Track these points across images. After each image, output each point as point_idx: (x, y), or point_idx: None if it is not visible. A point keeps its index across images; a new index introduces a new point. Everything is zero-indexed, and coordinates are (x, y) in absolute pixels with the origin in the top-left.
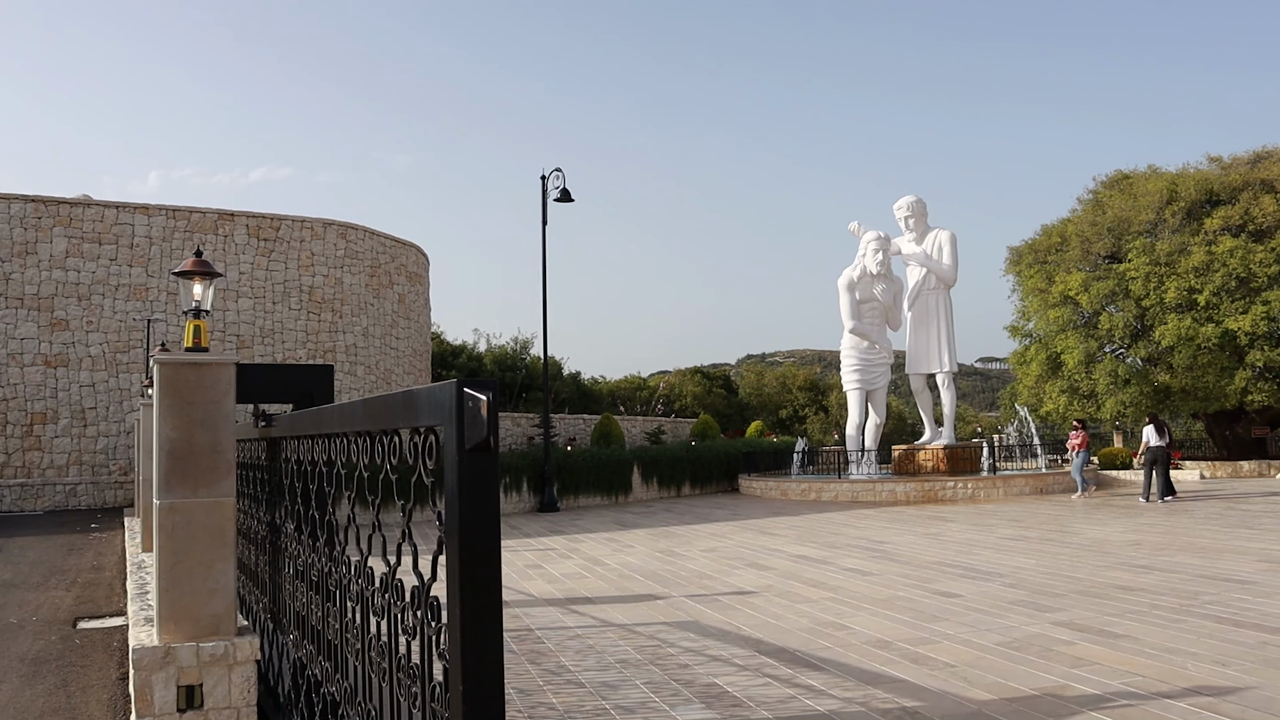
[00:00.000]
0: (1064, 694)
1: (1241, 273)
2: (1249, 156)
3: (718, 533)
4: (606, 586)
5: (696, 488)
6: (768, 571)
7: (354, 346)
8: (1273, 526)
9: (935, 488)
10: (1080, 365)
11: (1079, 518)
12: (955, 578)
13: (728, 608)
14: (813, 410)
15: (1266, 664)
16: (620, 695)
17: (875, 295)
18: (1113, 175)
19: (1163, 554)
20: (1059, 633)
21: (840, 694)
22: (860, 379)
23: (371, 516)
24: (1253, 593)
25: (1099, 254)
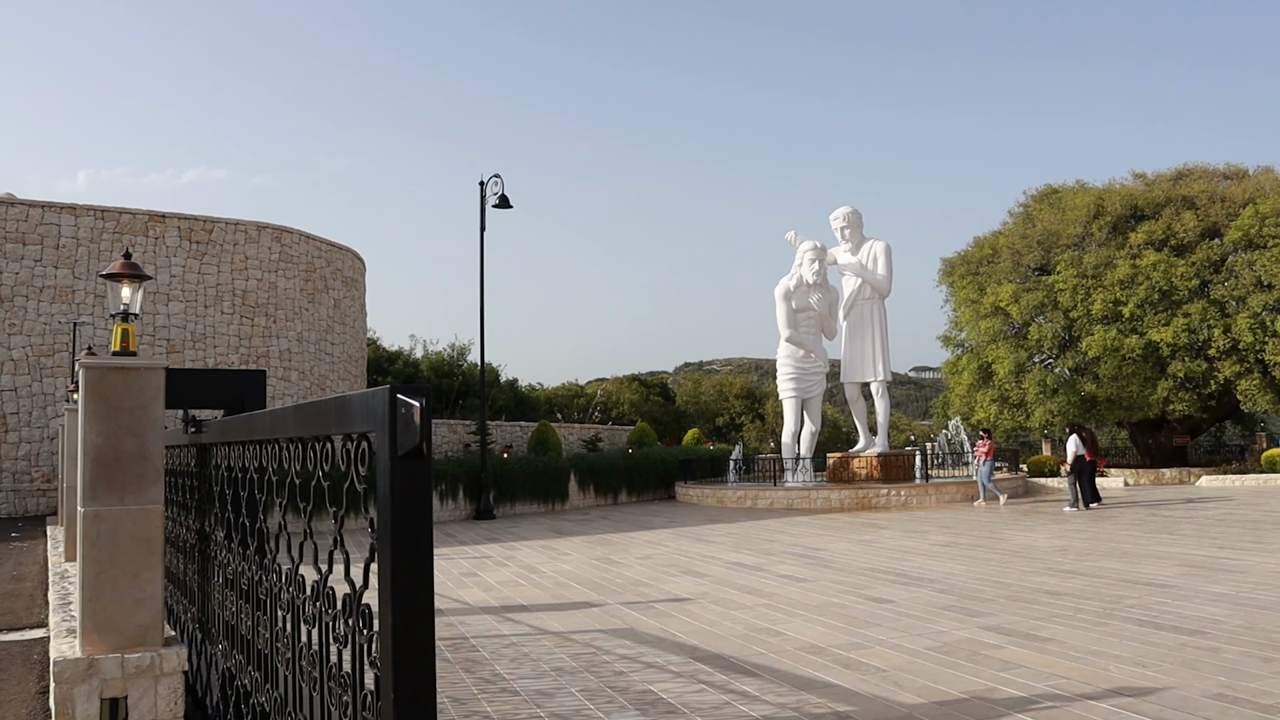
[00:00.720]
0: (992, 696)
1: (1164, 286)
2: (1171, 173)
3: (654, 540)
4: (542, 594)
5: (633, 495)
6: (703, 578)
7: (288, 352)
8: (1192, 532)
9: (869, 495)
10: (1010, 375)
11: (1008, 524)
12: (888, 584)
13: (663, 615)
14: (749, 418)
15: (1184, 665)
16: (555, 703)
17: (811, 305)
18: (1042, 189)
19: (1088, 559)
20: (988, 637)
21: (774, 699)
22: (796, 387)
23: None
24: (1172, 596)
25: (1029, 266)
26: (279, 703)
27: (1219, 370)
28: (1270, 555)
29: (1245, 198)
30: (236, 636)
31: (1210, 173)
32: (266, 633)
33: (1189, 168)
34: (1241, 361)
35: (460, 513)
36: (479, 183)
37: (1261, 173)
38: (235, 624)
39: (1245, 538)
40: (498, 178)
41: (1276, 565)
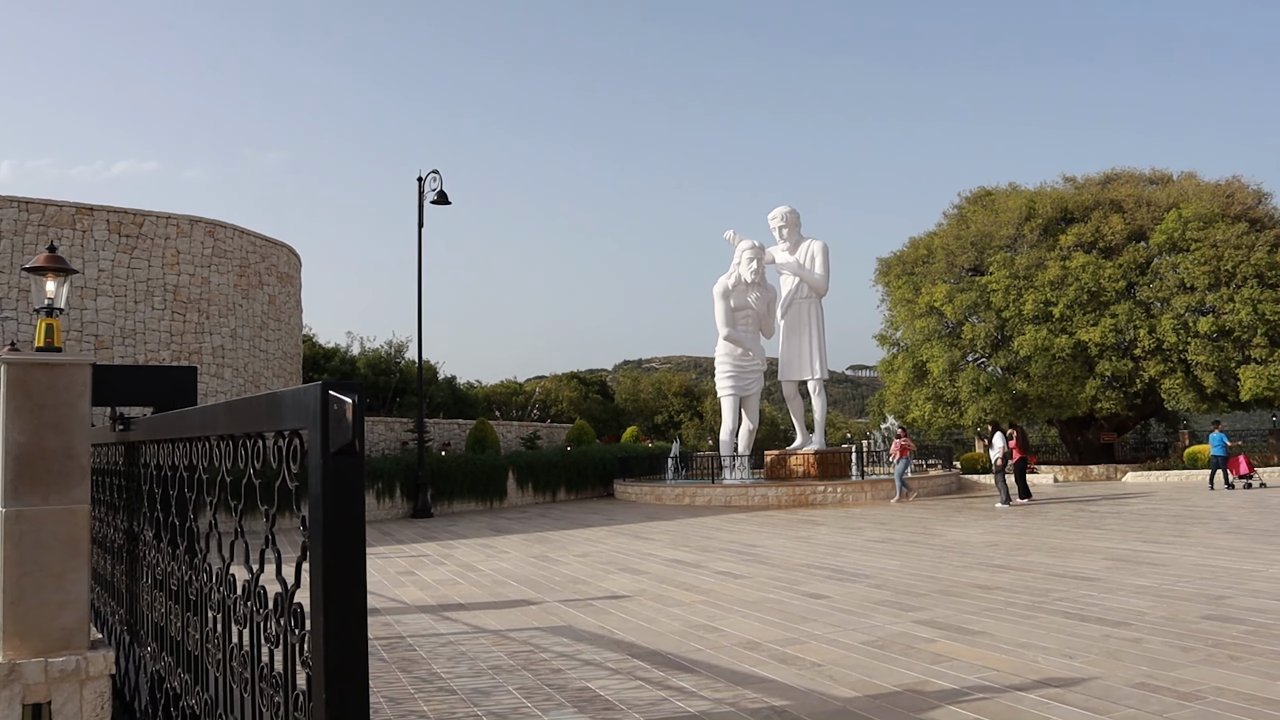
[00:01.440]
0: (924, 689)
1: (1093, 287)
2: (1100, 177)
3: (592, 538)
4: (480, 592)
5: (572, 493)
6: (641, 576)
7: (221, 348)
8: (1117, 527)
9: (806, 492)
10: (944, 373)
11: (942, 520)
12: (824, 579)
13: (601, 612)
14: (688, 416)
15: (1108, 655)
16: (493, 701)
17: (749, 303)
18: (976, 191)
19: (1018, 554)
20: (921, 631)
21: (711, 695)
22: (734, 385)
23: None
24: (1098, 589)
25: (963, 267)
26: (209, 705)
27: (1144, 369)
28: (1191, 549)
29: (1169, 202)
30: (166, 638)
31: (1137, 177)
32: (197, 634)
33: (1117, 172)
34: (1165, 361)
35: (397, 511)
36: (417, 179)
37: (1185, 178)
38: (165, 626)
39: (1168, 532)
40: (436, 174)
41: (1197, 558)
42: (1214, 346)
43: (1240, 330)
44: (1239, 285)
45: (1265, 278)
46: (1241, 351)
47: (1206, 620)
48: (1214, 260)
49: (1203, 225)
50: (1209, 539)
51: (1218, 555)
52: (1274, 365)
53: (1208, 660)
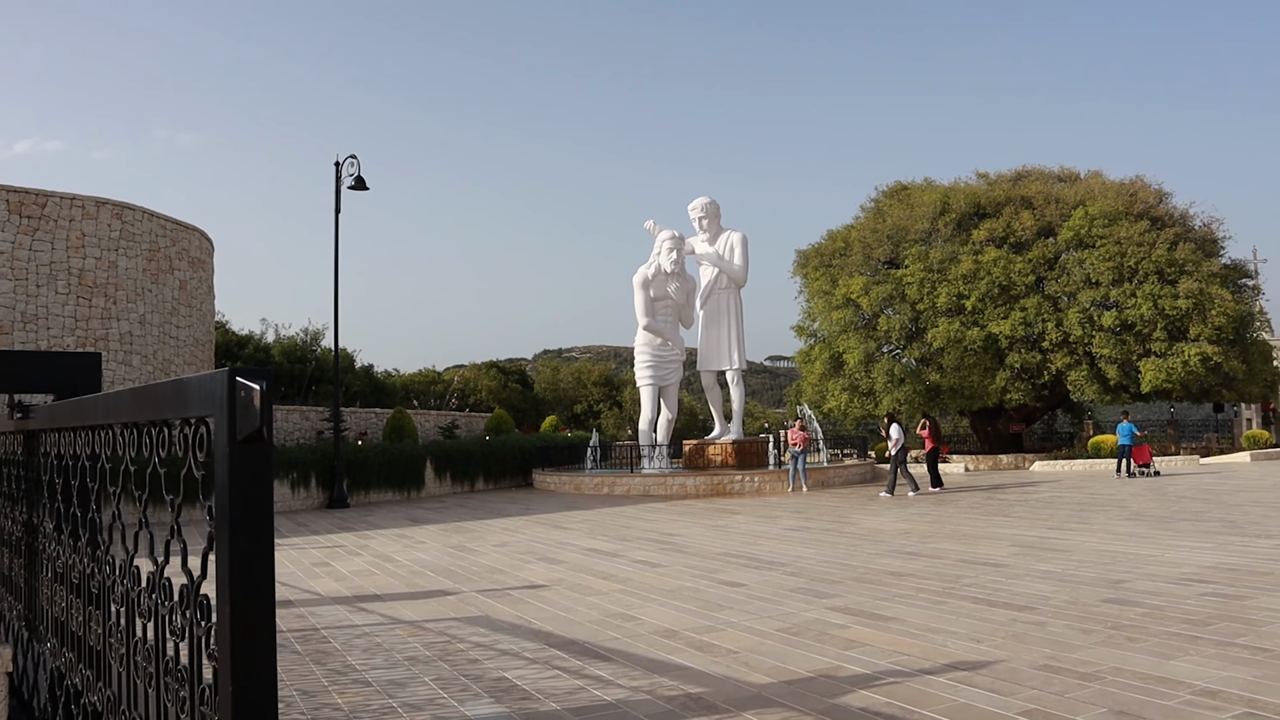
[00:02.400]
0: (837, 674)
1: (1004, 281)
2: (1012, 174)
3: (511, 527)
4: (396, 583)
5: (490, 483)
6: (559, 565)
7: (129, 335)
8: (1024, 514)
9: (724, 481)
10: (860, 364)
11: (856, 509)
12: (740, 568)
13: (519, 602)
14: (607, 405)
15: (1014, 639)
16: (408, 693)
17: (669, 293)
18: (893, 186)
19: (929, 541)
20: (834, 617)
21: (627, 683)
22: (653, 375)
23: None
24: (1005, 575)
25: (879, 260)
26: (112, 701)
27: (1052, 362)
28: (1093, 535)
29: (1077, 199)
30: (66, 633)
31: (1046, 175)
32: (99, 628)
33: (1028, 169)
34: (1072, 354)
35: (313, 501)
36: (334, 163)
37: (1091, 176)
38: (65, 620)
39: (1072, 519)
40: (354, 158)
41: (1098, 544)
42: (1117, 340)
43: (1141, 324)
44: (1140, 281)
45: (1165, 274)
46: (1142, 345)
47: (1106, 604)
48: (1118, 256)
49: (1108, 223)
50: (1110, 526)
51: (1118, 541)
52: (1172, 359)
53: (1106, 642)
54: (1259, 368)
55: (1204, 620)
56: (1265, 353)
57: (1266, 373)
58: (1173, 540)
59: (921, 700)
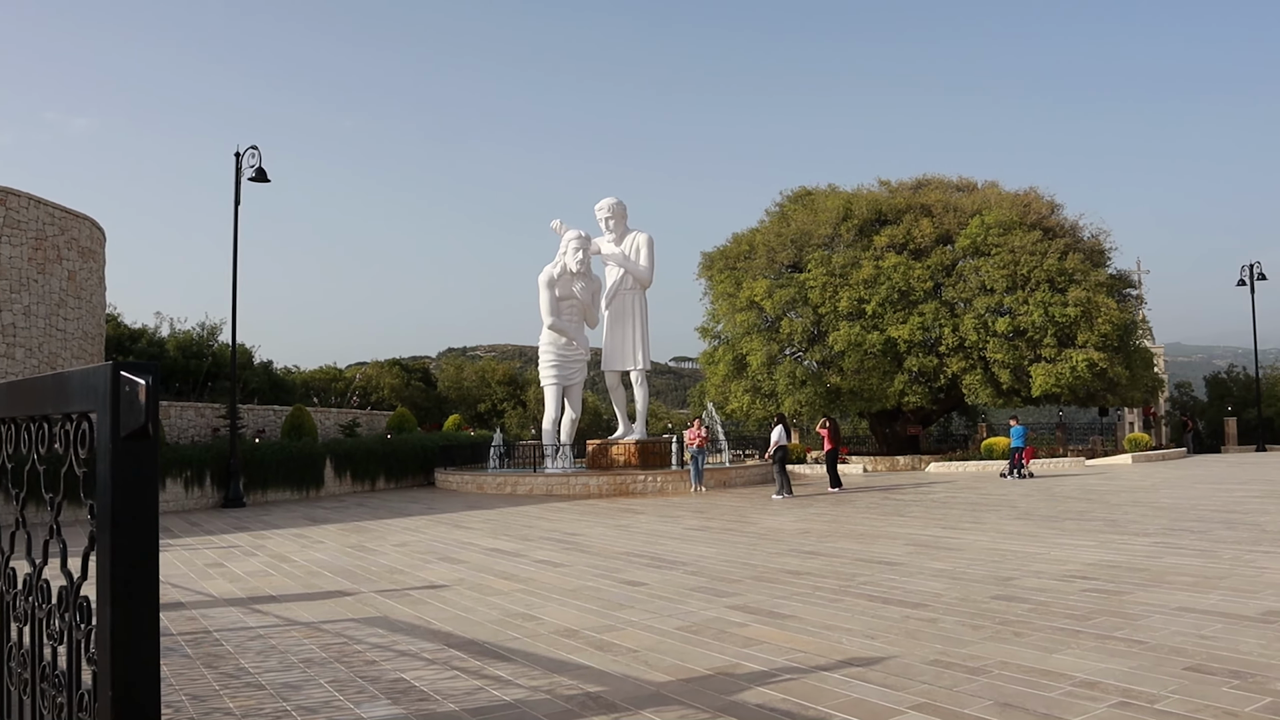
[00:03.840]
0: (735, 672)
1: (903, 286)
2: (913, 182)
3: (411, 527)
4: (293, 584)
5: (392, 482)
6: (460, 565)
7: (13, 327)
8: (920, 514)
9: (627, 481)
10: (763, 366)
11: (757, 509)
12: (642, 567)
13: (419, 602)
14: (511, 405)
15: (907, 635)
16: (303, 695)
17: (574, 293)
18: (797, 191)
19: (827, 540)
20: (734, 616)
21: (527, 683)
22: (557, 375)
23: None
24: (900, 573)
25: (783, 263)
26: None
27: (948, 366)
28: (984, 534)
29: (974, 208)
30: None
31: (945, 184)
32: None
33: (927, 178)
34: (967, 358)
35: (207, 500)
36: (235, 154)
37: (988, 186)
38: None
39: (965, 518)
40: (255, 149)
41: (989, 543)
42: (1010, 345)
43: (1033, 331)
44: (1033, 289)
45: (1055, 282)
46: (1034, 350)
47: (995, 600)
48: (1011, 265)
49: (1003, 231)
50: (1000, 525)
51: (1007, 540)
52: (1061, 364)
53: (995, 637)
54: (1141, 373)
55: (1085, 615)
56: (1147, 359)
57: (1148, 378)
58: (1059, 539)
59: (817, 696)
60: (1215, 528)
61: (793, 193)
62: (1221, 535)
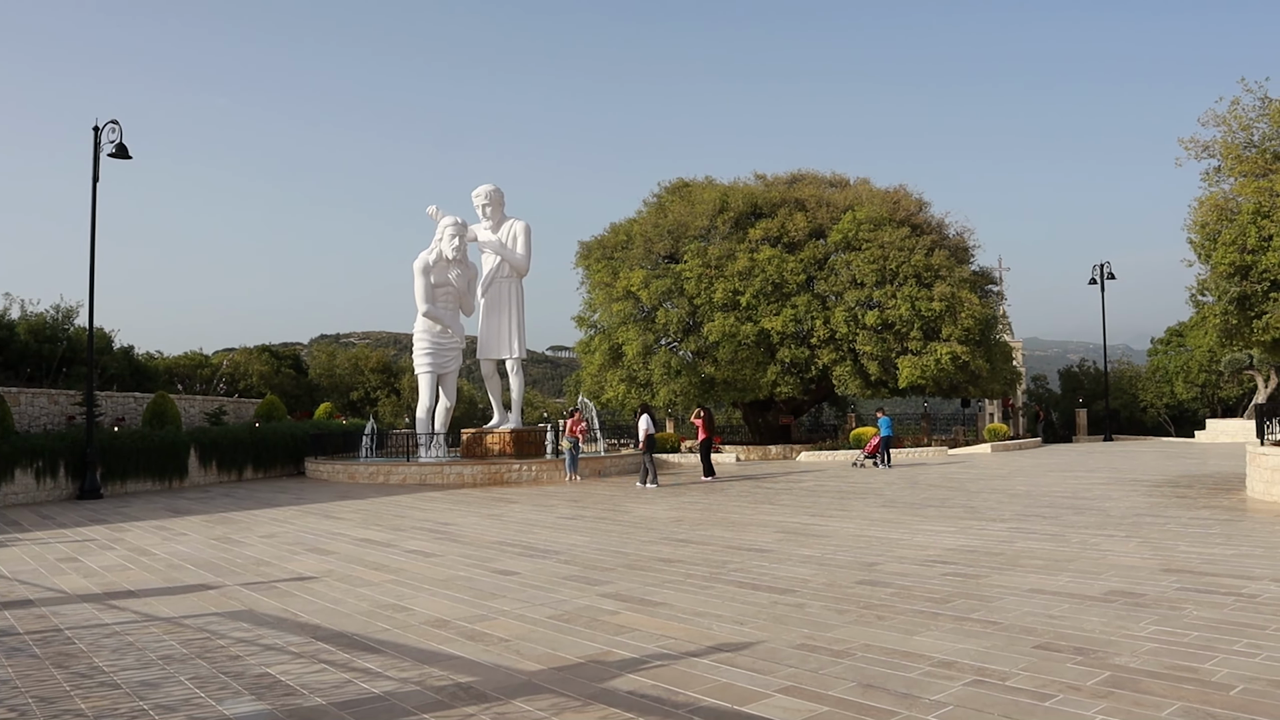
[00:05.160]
0: (607, 659)
1: (777, 279)
2: (788, 177)
3: (280, 518)
4: (153, 578)
5: (260, 471)
6: (330, 556)
7: None
8: (790, 502)
9: (502, 470)
10: (639, 356)
11: (631, 498)
12: (515, 556)
13: (286, 594)
14: (385, 393)
15: (775, 620)
16: (162, 694)
17: (450, 280)
18: (675, 182)
19: (700, 528)
20: (606, 604)
21: (397, 674)
22: (432, 362)
23: None
24: (769, 559)
25: (659, 254)
26: None
27: (819, 357)
28: (851, 521)
29: (846, 204)
30: None
31: (819, 179)
32: None
33: (802, 173)
34: (837, 350)
35: (61, 492)
36: (93, 129)
37: (860, 183)
38: None
39: (833, 506)
40: (115, 124)
41: (856, 530)
42: (878, 338)
43: (900, 324)
44: (900, 283)
45: (922, 278)
46: (901, 343)
47: (860, 585)
48: (881, 260)
49: (873, 227)
50: (866, 512)
51: (873, 526)
52: (927, 357)
53: (859, 621)
54: (1001, 366)
55: (945, 598)
56: (1006, 353)
57: (1007, 371)
58: (921, 525)
59: (686, 681)
60: (1065, 513)
61: (671, 184)
62: (1070, 520)
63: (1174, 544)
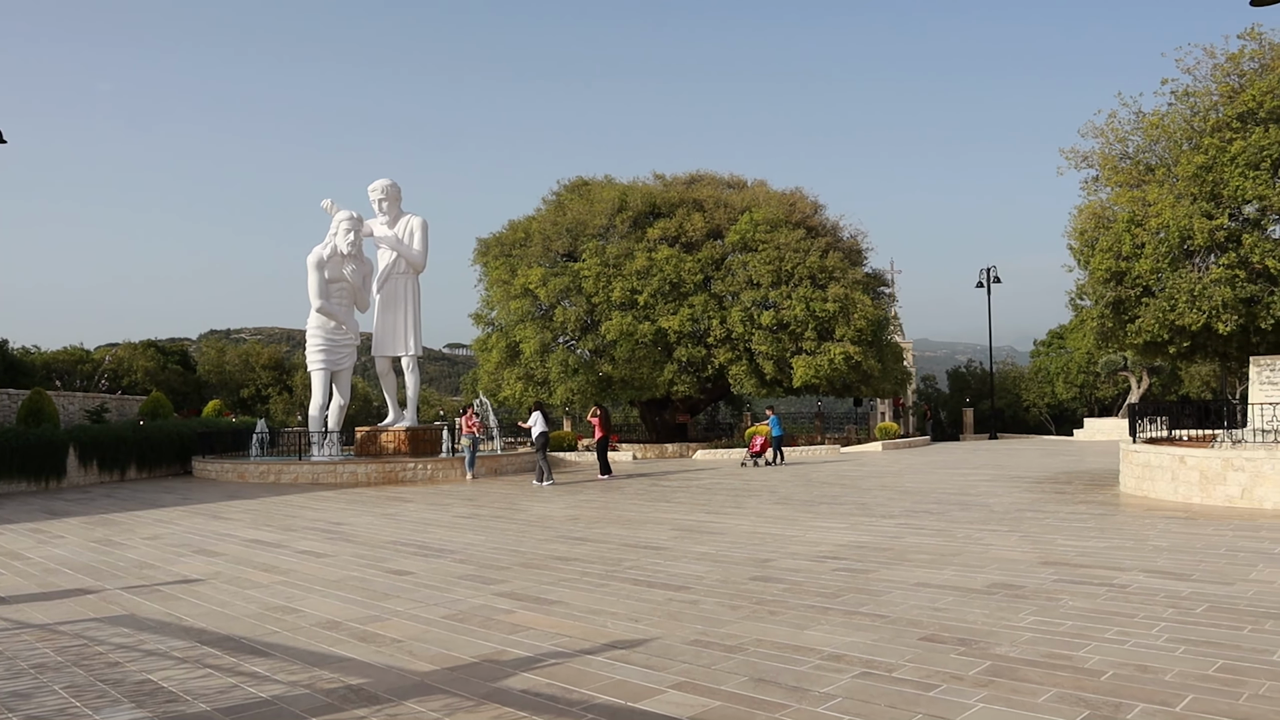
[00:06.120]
0: (501, 659)
1: (674, 278)
2: (686, 177)
3: (165, 519)
4: (26, 583)
5: (145, 471)
6: (217, 558)
7: None
8: (686, 500)
9: (396, 469)
10: (536, 354)
11: (528, 496)
12: (409, 556)
13: (170, 598)
14: (277, 390)
15: (669, 617)
16: (34, 704)
17: (345, 275)
18: (575, 180)
19: (596, 526)
20: (501, 603)
21: (285, 678)
22: (326, 359)
23: None
24: (665, 557)
25: (558, 252)
26: None
27: (715, 356)
28: (745, 518)
29: (743, 205)
30: None
31: (717, 180)
32: None
33: (700, 174)
34: (734, 349)
35: None
36: None
37: (757, 185)
38: None
39: (727, 504)
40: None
41: (750, 526)
42: (773, 338)
43: (795, 324)
44: (796, 284)
45: (816, 279)
46: (795, 343)
47: (753, 581)
48: (777, 261)
49: (769, 229)
50: (761, 509)
51: (767, 523)
52: (821, 356)
53: (752, 616)
54: (892, 366)
55: (835, 593)
56: (897, 353)
57: (898, 371)
58: (814, 521)
59: (580, 679)
60: (951, 509)
61: (570, 182)
62: (956, 516)
63: (1052, 538)
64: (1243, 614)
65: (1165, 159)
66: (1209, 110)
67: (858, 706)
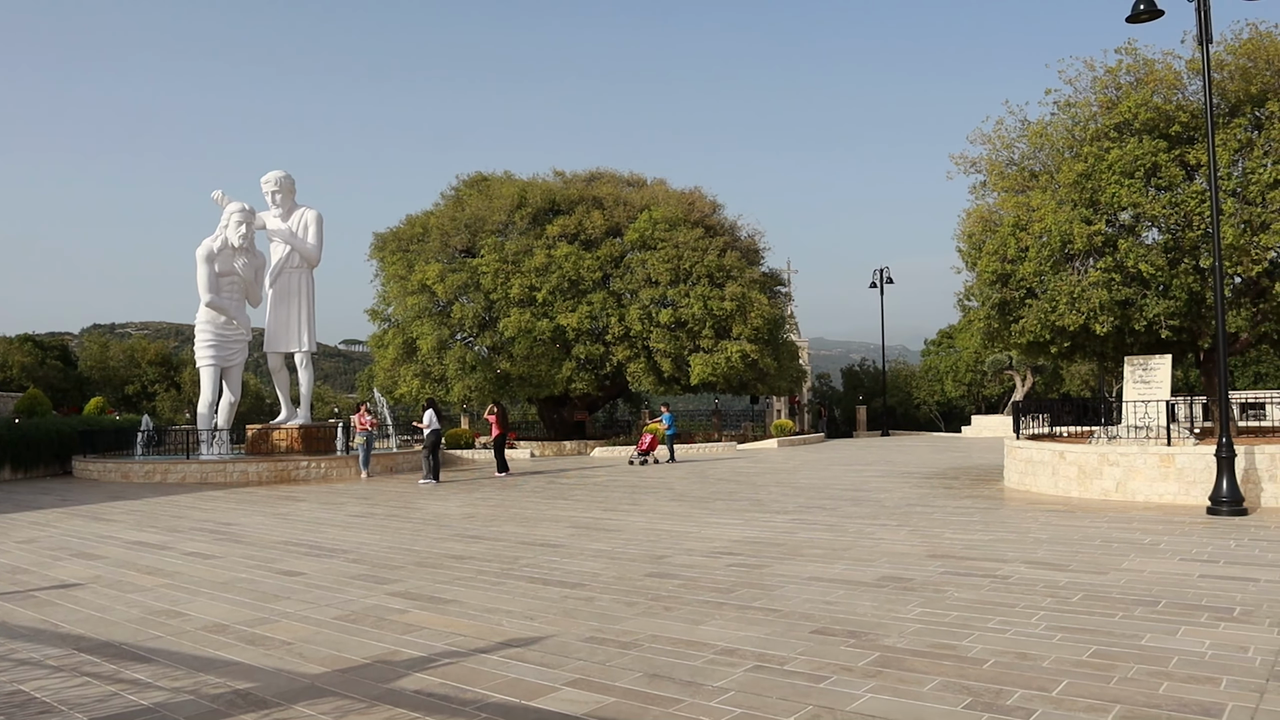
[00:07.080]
0: (394, 659)
1: (573, 276)
2: (586, 175)
3: (41, 521)
4: None
5: (20, 471)
6: (97, 561)
7: None
8: (583, 497)
9: (289, 468)
10: (433, 351)
11: (423, 495)
12: (300, 556)
13: (45, 604)
14: (164, 387)
15: (565, 614)
16: None
17: (236, 269)
18: (474, 176)
19: (493, 524)
20: (394, 602)
21: (169, 684)
22: (215, 355)
23: None
24: (561, 554)
25: (456, 248)
26: None
27: (614, 354)
28: (642, 515)
29: (643, 204)
30: None
31: (617, 178)
32: None
33: (600, 171)
34: (632, 347)
35: None
36: None
37: (656, 183)
38: None
39: (624, 501)
40: None
41: (646, 523)
42: (671, 336)
43: (693, 322)
44: (694, 283)
45: (714, 278)
46: (693, 341)
47: (649, 577)
48: (675, 259)
49: (669, 227)
50: (657, 506)
51: (663, 520)
52: (718, 354)
53: (647, 612)
54: (788, 365)
55: (729, 588)
56: (793, 352)
57: (793, 369)
58: (709, 518)
59: (475, 678)
60: (844, 505)
61: (469, 178)
62: (849, 511)
63: (940, 531)
64: (1115, 602)
65: (1048, 166)
66: (1089, 120)
67: (750, 700)
